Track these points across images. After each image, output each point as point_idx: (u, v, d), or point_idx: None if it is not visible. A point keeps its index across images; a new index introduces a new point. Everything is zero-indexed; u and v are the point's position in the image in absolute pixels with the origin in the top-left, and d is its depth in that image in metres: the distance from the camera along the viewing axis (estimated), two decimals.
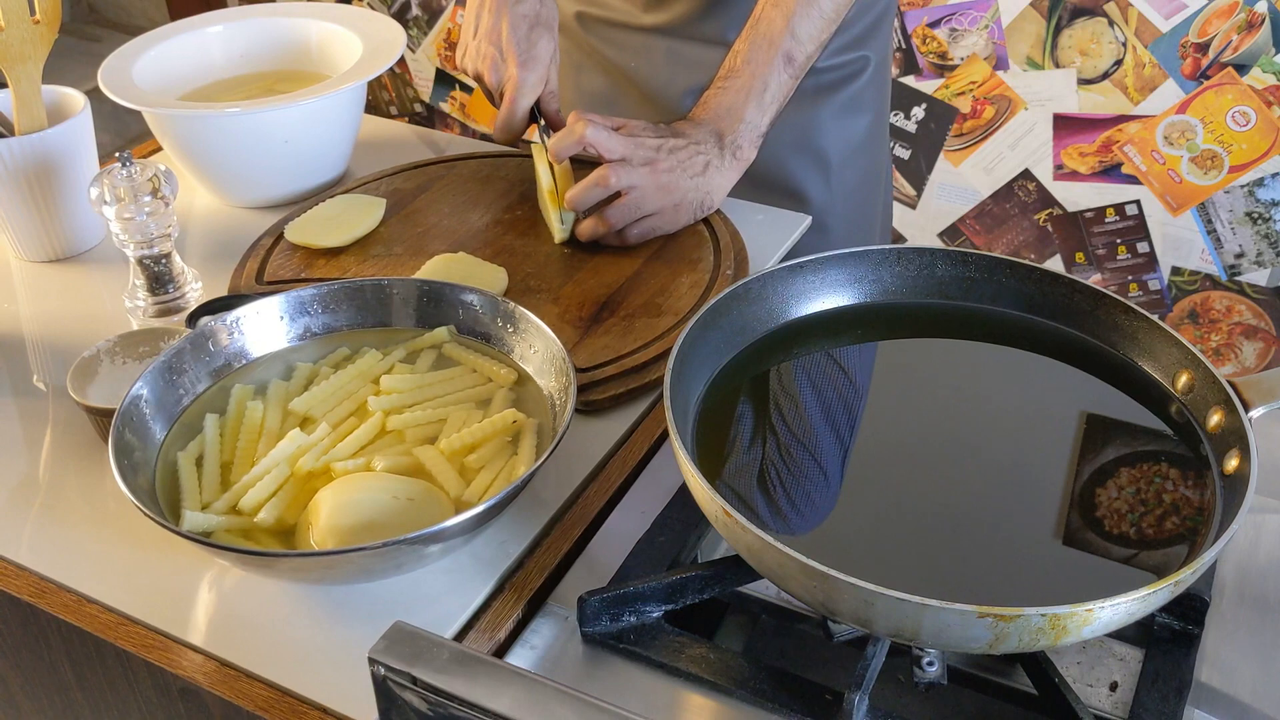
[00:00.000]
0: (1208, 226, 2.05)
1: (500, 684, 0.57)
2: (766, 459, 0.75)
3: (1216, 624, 0.71)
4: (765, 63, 1.03)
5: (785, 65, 1.03)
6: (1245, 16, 1.88)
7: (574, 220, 1.03)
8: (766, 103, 1.04)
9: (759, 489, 0.72)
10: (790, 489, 0.73)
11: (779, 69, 1.03)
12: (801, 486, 0.74)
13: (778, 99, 1.05)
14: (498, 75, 1.07)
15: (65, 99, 1.07)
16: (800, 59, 1.04)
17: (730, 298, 0.79)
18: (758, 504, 0.71)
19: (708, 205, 1.03)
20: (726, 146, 1.03)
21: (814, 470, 0.74)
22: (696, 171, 1.01)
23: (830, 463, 0.75)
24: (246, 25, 1.22)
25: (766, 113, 1.04)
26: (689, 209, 1.02)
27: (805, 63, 1.05)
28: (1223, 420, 0.70)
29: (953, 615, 0.57)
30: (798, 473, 0.74)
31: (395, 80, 2.80)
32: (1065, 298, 0.80)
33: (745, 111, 1.03)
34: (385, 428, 0.79)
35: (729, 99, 1.04)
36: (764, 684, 0.66)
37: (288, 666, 0.69)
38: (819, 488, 0.73)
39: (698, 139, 1.02)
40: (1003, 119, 2.14)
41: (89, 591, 0.74)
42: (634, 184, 0.98)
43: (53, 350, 0.97)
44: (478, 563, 0.75)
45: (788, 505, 0.72)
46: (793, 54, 1.03)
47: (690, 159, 1.01)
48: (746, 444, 0.76)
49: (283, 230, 1.05)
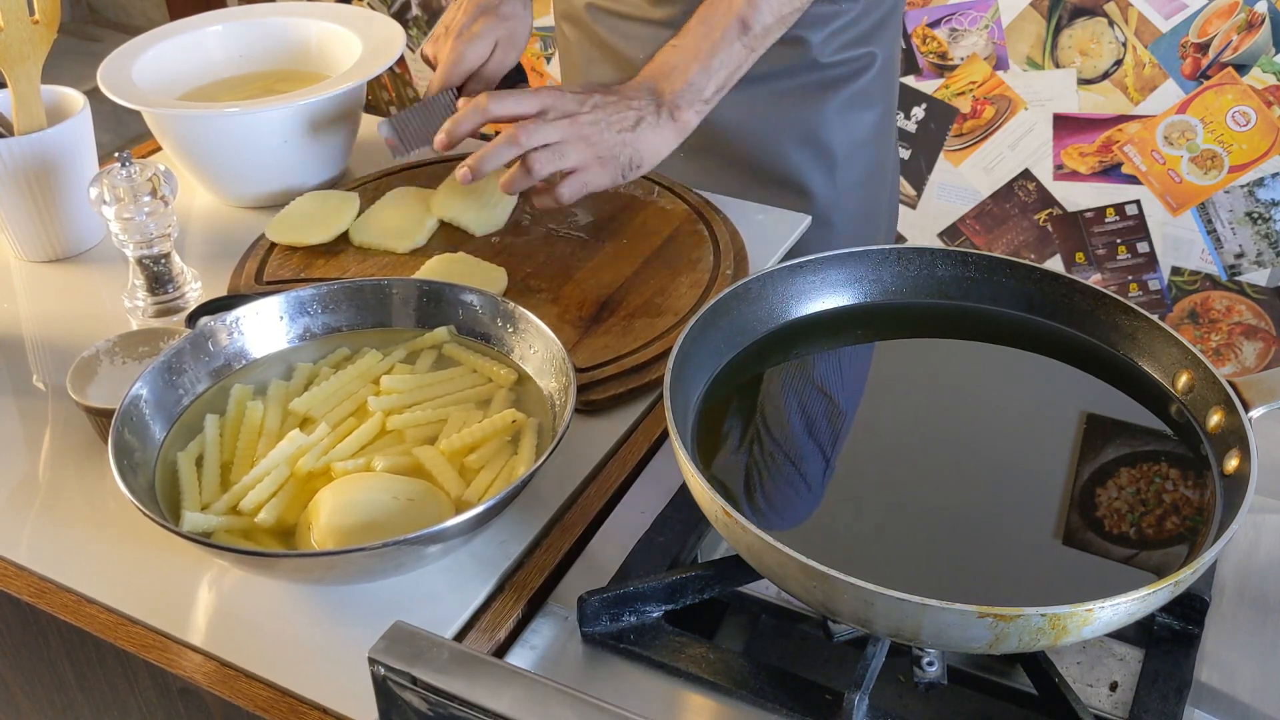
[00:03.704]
0: (1208, 226, 2.05)
1: (500, 684, 0.57)
2: (767, 459, 0.75)
3: (1216, 624, 0.71)
4: (719, 26, 0.99)
5: (740, 32, 0.99)
6: (1245, 16, 1.88)
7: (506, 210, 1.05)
8: (714, 67, 0.99)
9: (759, 489, 0.72)
10: (790, 489, 0.73)
11: (732, 35, 0.99)
12: (801, 486, 0.73)
13: (727, 66, 1.00)
14: (435, 48, 1.13)
15: (65, 99, 1.07)
16: (756, 28, 0.99)
17: (730, 298, 0.79)
18: (758, 504, 0.71)
19: (637, 163, 0.99)
20: (665, 105, 0.98)
21: (813, 470, 0.74)
22: (626, 126, 0.97)
23: (830, 462, 0.75)
24: (246, 25, 1.22)
25: (713, 77, 0.99)
26: (616, 164, 0.98)
27: (763, 34, 1.00)
28: (1223, 420, 0.70)
29: (953, 615, 0.57)
30: (797, 473, 0.74)
31: (395, 80, 2.80)
32: (1065, 298, 0.80)
33: (690, 73, 0.99)
34: (385, 428, 0.79)
35: (676, 57, 1.00)
36: (764, 684, 0.66)
37: (288, 666, 0.69)
38: (818, 487, 0.73)
39: (631, 95, 0.98)
40: (1003, 119, 2.14)
41: (89, 591, 0.74)
42: (547, 139, 0.95)
43: (52, 350, 0.97)
44: (478, 563, 0.75)
45: (788, 505, 0.72)
46: (749, 21, 0.99)
47: (618, 113, 0.97)
48: (747, 444, 0.75)
49: None
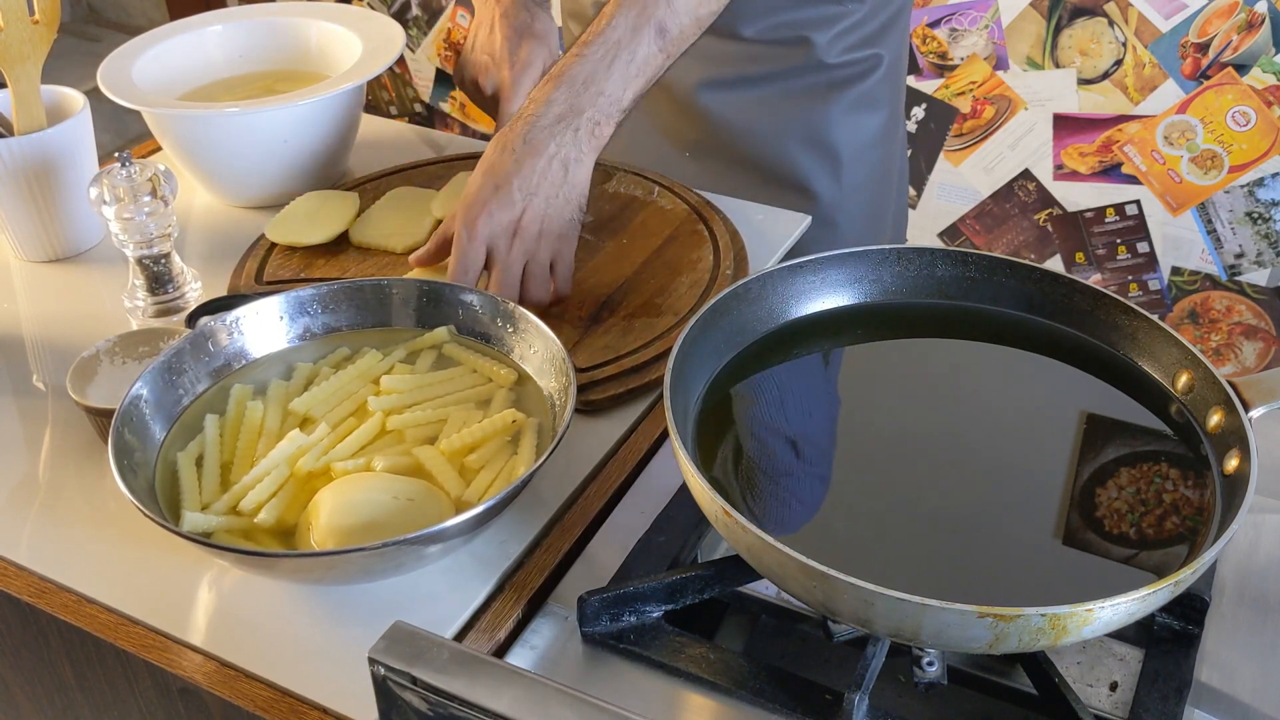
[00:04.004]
0: (1208, 226, 2.05)
1: (500, 684, 0.57)
2: (767, 459, 0.75)
3: (1216, 624, 0.71)
4: (635, 30, 0.91)
5: (657, 35, 0.91)
6: (1245, 16, 1.88)
7: None
8: (631, 75, 0.91)
9: (759, 488, 0.72)
10: (790, 489, 0.73)
11: (649, 39, 0.91)
12: (801, 486, 0.73)
13: (645, 73, 0.92)
14: (491, 82, 1.11)
15: (65, 99, 1.07)
16: (674, 31, 0.92)
17: (730, 298, 0.79)
18: (758, 504, 0.71)
19: (581, 205, 0.92)
20: (583, 127, 0.90)
21: (814, 470, 0.74)
22: (558, 183, 0.90)
23: (830, 462, 0.75)
24: (246, 25, 1.22)
25: (630, 86, 0.91)
26: (571, 223, 0.92)
27: (679, 39, 0.93)
28: (1223, 420, 0.70)
29: (953, 615, 0.57)
30: (797, 472, 0.74)
31: (395, 80, 2.80)
32: (1065, 298, 0.80)
33: (606, 83, 0.90)
34: (385, 428, 0.79)
35: (588, 68, 0.91)
36: (764, 684, 0.66)
37: (288, 666, 0.69)
38: (818, 487, 0.73)
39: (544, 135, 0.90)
40: (1003, 119, 2.14)
41: (89, 591, 0.74)
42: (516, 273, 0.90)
43: (52, 350, 0.96)
44: (478, 563, 0.75)
45: (788, 505, 0.72)
46: (666, 25, 0.91)
47: (546, 176, 0.89)
48: (747, 444, 0.75)
49: None
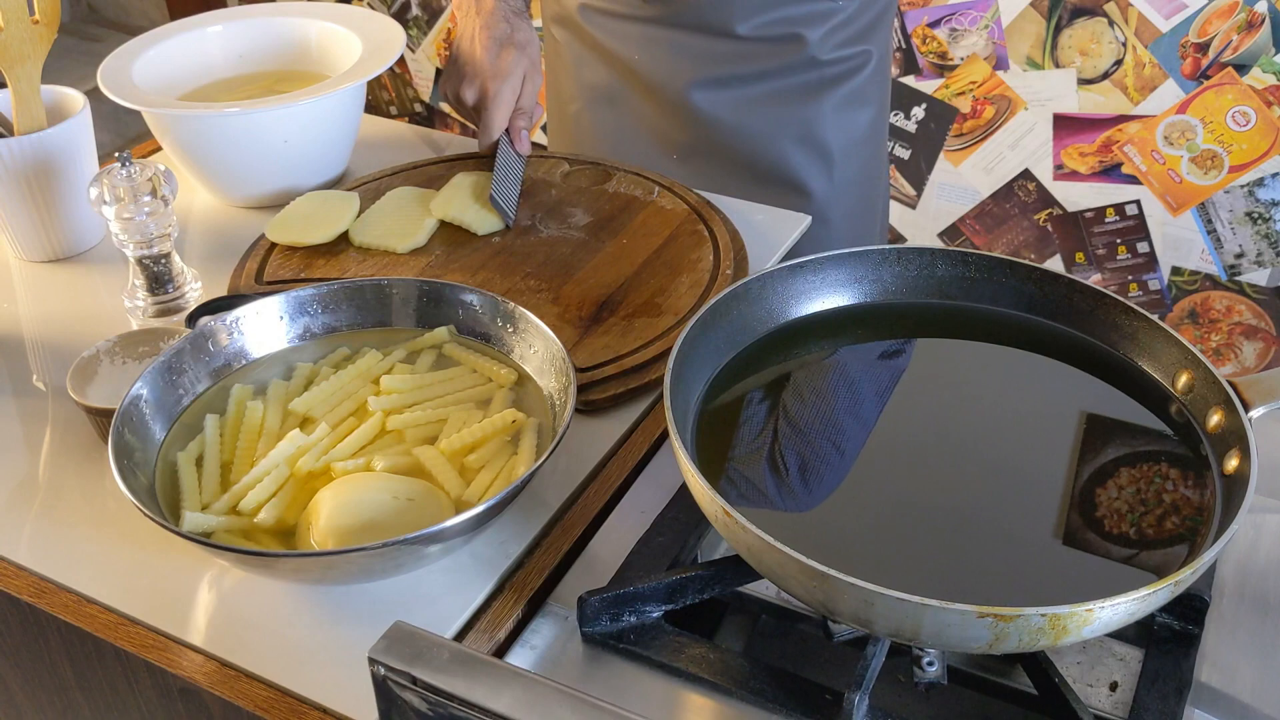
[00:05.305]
0: (1208, 226, 2.05)
1: (500, 684, 0.57)
2: (766, 459, 0.75)
3: (1216, 624, 0.71)
4: None
5: None
6: (1245, 16, 1.88)
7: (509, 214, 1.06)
8: None
9: (759, 489, 0.72)
10: (790, 489, 0.73)
11: None
12: (801, 486, 0.73)
13: None
14: (473, 92, 1.13)
15: (65, 99, 1.07)
16: None
17: (730, 298, 0.79)
18: (758, 504, 0.71)
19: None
20: None
21: (813, 470, 0.74)
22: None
23: (830, 463, 0.75)
24: (246, 25, 1.22)
25: None
26: None
27: None
28: (1223, 420, 0.70)
29: (953, 615, 0.57)
30: (797, 473, 0.74)
31: (395, 80, 2.80)
32: (1065, 298, 0.80)
33: None
34: (385, 428, 0.79)
35: None
36: (764, 684, 0.66)
37: (288, 666, 0.69)
38: (818, 487, 0.73)
39: None
40: (1003, 119, 2.14)
41: (89, 591, 0.74)
42: None
43: (52, 350, 0.96)
44: (478, 563, 0.75)
45: (787, 505, 0.72)
46: None
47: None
48: (746, 444, 0.75)
49: None
